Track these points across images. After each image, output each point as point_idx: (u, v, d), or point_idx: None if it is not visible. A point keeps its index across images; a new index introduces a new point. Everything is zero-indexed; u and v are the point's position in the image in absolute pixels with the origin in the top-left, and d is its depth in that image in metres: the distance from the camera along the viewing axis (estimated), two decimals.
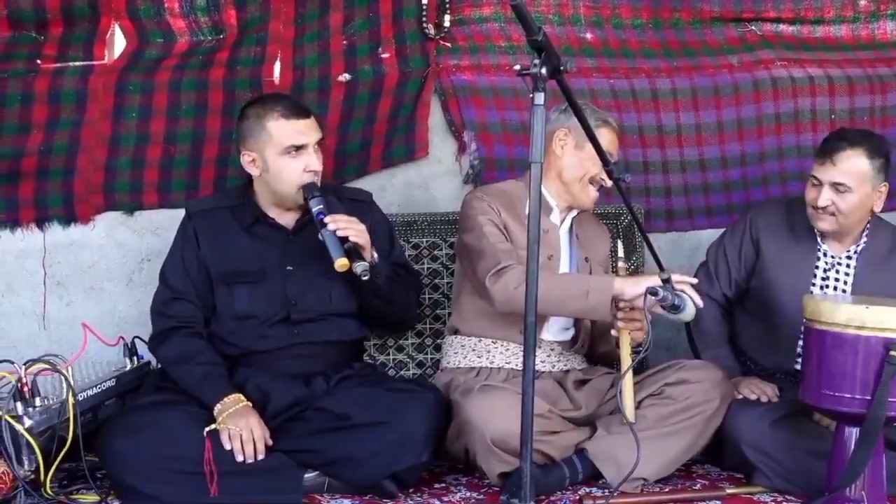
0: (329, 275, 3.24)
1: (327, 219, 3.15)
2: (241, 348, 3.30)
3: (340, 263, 3.09)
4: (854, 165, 3.33)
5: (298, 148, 3.24)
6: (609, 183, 3.24)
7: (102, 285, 3.94)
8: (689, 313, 3.12)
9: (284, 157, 3.24)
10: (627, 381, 3.23)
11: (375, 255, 3.24)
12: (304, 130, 3.27)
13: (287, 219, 3.37)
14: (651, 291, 3.03)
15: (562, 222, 3.45)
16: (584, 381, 3.42)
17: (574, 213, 3.48)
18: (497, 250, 3.26)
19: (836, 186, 3.34)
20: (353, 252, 3.12)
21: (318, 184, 3.28)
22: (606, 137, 3.30)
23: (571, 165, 3.37)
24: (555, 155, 3.39)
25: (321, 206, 3.19)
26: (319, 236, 3.14)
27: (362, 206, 3.44)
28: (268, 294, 3.30)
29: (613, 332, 3.28)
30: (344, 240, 3.12)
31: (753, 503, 3.16)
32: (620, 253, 3.48)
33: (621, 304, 3.22)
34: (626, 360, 3.24)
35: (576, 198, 3.41)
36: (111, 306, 3.94)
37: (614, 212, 3.94)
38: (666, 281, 3.06)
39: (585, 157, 3.33)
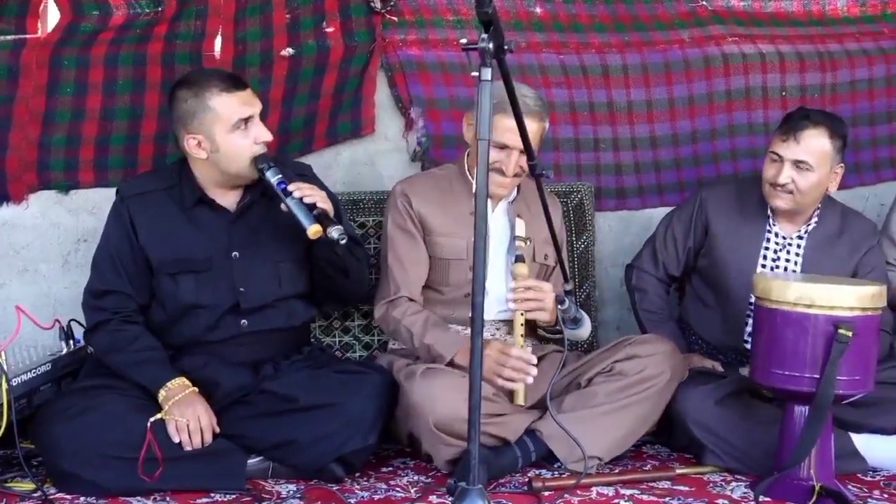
0: (277, 258, 3.24)
1: (291, 186, 3.11)
2: (187, 338, 3.26)
3: (314, 230, 3.04)
4: (817, 144, 3.41)
5: (247, 121, 3.18)
6: (512, 170, 3.30)
7: (37, 266, 3.90)
8: (586, 331, 3.28)
9: (234, 132, 3.17)
10: None
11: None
12: (249, 100, 3.21)
13: (229, 200, 3.30)
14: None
15: (495, 206, 3.46)
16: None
17: (511, 197, 3.49)
18: (392, 279, 3.41)
19: (797, 164, 3.41)
20: (324, 217, 3.08)
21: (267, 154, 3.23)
22: (499, 126, 3.18)
23: (474, 153, 3.36)
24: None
25: (280, 176, 3.14)
26: (283, 207, 3.10)
27: (305, 181, 3.39)
28: (215, 283, 3.24)
29: (510, 305, 3.30)
30: (311, 206, 3.09)
31: (703, 483, 3.21)
32: (519, 232, 3.41)
33: (514, 285, 3.25)
34: (518, 340, 3.26)
35: None
36: (46, 288, 3.90)
37: (564, 190, 3.98)
38: (568, 293, 3.14)
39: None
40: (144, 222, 3.26)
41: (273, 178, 3.14)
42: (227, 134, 3.17)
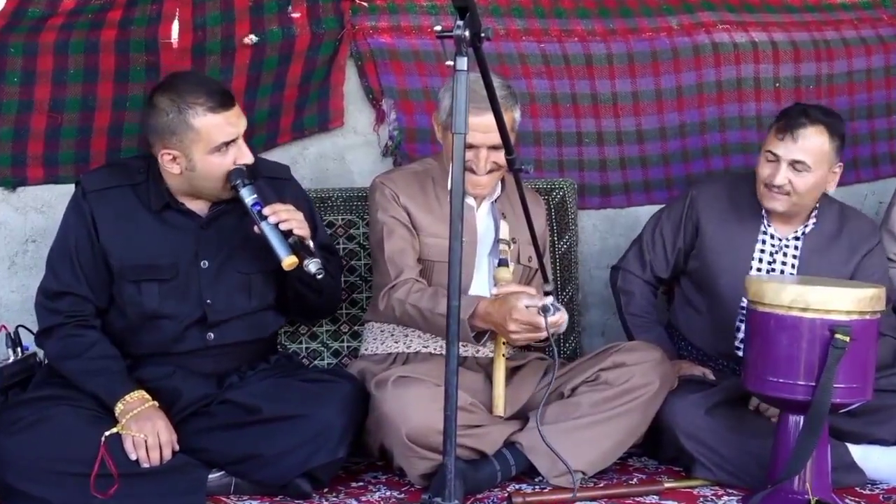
0: (248, 269, 3.22)
1: (266, 210, 3.07)
2: (149, 348, 3.22)
3: (290, 262, 3.01)
4: (815, 143, 3.41)
5: (229, 143, 3.13)
6: (483, 168, 3.32)
7: None
8: (562, 327, 3.27)
9: (214, 154, 3.11)
10: (498, 369, 3.29)
11: (312, 244, 3.13)
12: (234, 121, 3.13)
13: (199, 205, 3.25)
14: (545, 309, 3.11)
15: (479, 205, 3.47)
16: (514, 368, 3.43)
17: (494, 195, 3.49)
18: (393, 263, 3.35)
19: (794, 164, 3.42)
20: (300, 247, 3.04)
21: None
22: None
23: (447, 150, 3.35)
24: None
25: (256, 196, 3.10)
26: (256, 230, 3.06)
27: (280, 184, 3.36)
28: (181, 293, 3.20)
29: None
30: (288, 234, 3.05)
31: (693, 497, 3.22)
32: (503, 235, 3.41)
33: (495, 291, 3.25)
34: (499, 346, 3.28)
35: None
36: None
37: (545, 187, 3.98)
38: (548, 294, 3.16)
39: (449, 144, 3.29)
40: (106, 220, 3.21)
41: (248, 197, 3.10)
42: (207, 155, 3.12)
